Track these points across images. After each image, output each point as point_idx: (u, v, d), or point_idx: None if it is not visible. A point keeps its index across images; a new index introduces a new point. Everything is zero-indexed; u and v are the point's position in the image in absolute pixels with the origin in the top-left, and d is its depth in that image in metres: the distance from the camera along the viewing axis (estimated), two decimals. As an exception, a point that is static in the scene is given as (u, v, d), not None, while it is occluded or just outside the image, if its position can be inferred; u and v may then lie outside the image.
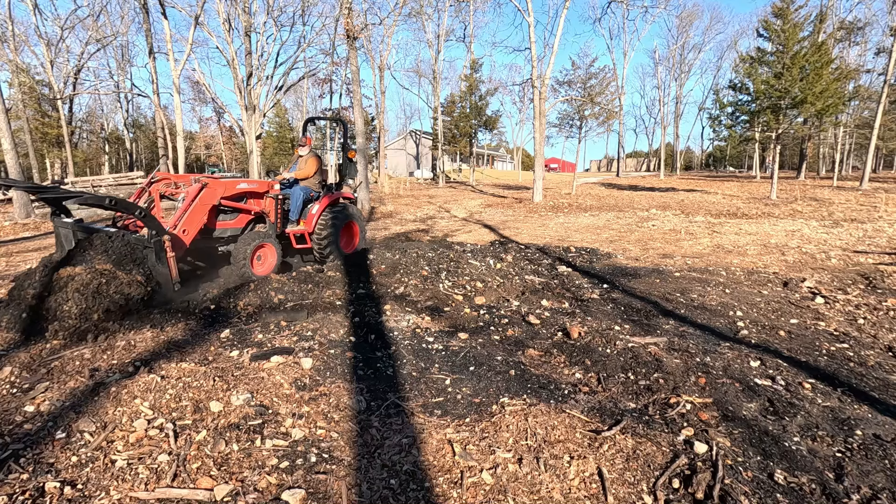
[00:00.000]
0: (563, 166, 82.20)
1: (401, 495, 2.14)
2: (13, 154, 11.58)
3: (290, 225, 6.72)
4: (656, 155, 58.73)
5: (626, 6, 24.94)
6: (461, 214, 16.25)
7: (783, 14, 18.55)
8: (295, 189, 6.76)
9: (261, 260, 6.03)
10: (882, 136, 31.68)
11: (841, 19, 31.78)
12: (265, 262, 6.08)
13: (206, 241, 5.85)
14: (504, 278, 6.21)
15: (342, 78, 34.68)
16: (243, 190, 6.05)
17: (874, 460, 2.42)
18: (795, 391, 3.18)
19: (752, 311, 5.01)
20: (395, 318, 4.56)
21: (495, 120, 39.38)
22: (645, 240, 10.00)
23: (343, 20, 16.82)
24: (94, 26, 29.38)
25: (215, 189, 5.53)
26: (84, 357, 3.38)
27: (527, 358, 3.78)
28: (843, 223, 11.54)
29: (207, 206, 5.43)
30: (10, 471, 2.12)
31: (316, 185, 7.11)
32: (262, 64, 24.72)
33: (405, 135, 57.79)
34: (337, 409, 2.81)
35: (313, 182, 7.09)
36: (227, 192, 5.74)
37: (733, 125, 20.50)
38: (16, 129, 21.62)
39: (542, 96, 19.32)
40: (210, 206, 5.48)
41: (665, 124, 50.80)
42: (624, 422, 2.69)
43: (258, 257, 6.01)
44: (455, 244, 8.51)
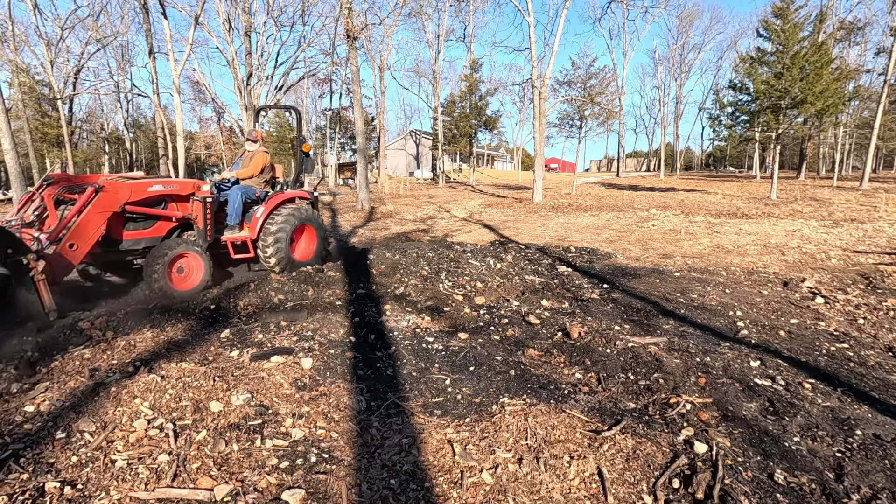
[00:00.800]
0: (563, 166, 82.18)
1: (401, 495, 2.14)
2: (13, 154, 11.59)
3: (228, 231, 5.88)
4: (656, 155, 58.72)
5: (626, 6, 24.95)
6: (461, 214, 16.25)
7: (783, 14, 18.54)
8: (233, 190, 5.97)
9: (183, 273, 5.29)
10: (882, 136, 31.67)
11: (841, 19, 31.77)
12: (189, 276, 5.33)
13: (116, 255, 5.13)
14: (504, 278, 6.21)
15: (342, 78, 34.67)
16: (157, 193, 5.22)
17: (874, 460, 2.42)
18: (795, 391, 3.18)
19: (752, 311, 5.01)
20: (395, 318, 4.56)
21: (495, 120, 39.37)
22: (645, 240, 10.00)
23: (343, 20, 16.83)
24: (94, 26, 29.37)
25: (116, 194, 4.72)
26: (84, 357, 3.38)
27: (527, 358, 3.78)
28: (843, 223, 11.54)
29: (105, 213, 4.61)
30: (10, 471, 2.12)
31: (261, 185, 6.39)
32: (262, 64, 24.74)
33: (405, 135, 57.79)
34: (337, 409, 2.81)
35: (257, 182, 6.37)
36: (135, 196, 4.93)
37: (733, 125, 20.50)
38: (16, 129, 21.63)
39: (542, 96, 19.32)
40: (109, 213, 4.67)
41: (665, 124, 50.81)
42: (624, 422, 2.69)
43: (179, 270, 5.25)
44: (455, 244, 8.52)
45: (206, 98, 41.59)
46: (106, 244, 4.92)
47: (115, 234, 4.98)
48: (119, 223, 5.00)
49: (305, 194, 6.82)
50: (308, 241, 6.77)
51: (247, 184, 6.23)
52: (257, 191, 6.28)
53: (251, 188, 6.21)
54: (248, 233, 5.96)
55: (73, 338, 3.73)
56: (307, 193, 6.89)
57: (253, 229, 5.96)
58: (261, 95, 24.84)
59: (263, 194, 6.33)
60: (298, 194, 6.66)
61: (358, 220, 14.73)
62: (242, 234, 5.94)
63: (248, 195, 6.10)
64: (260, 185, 6.39)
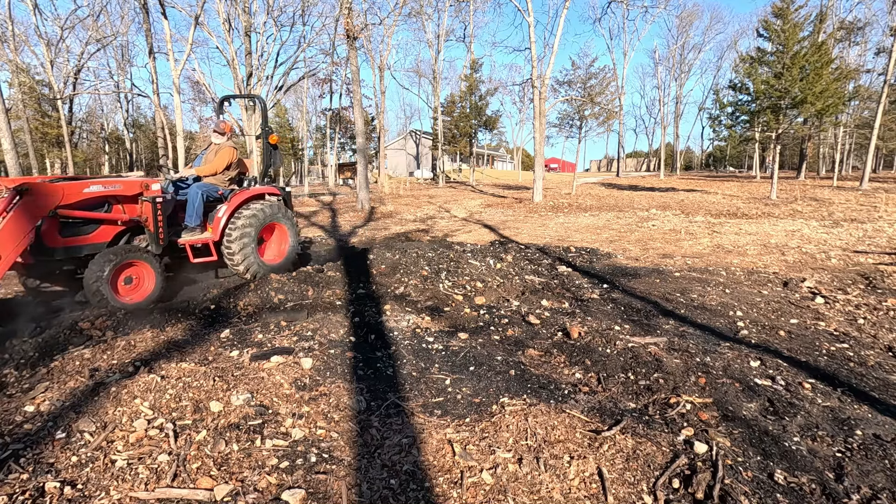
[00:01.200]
0: (563, 166, 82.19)
1: (401, 495, 2.14)
2: (13, 154, 11.59)
3: (187, 233, 5.38)
4: (656, 155, 58.72)
5: (626, 6, 24.95)
6: (461, 214, 16.25)
7: (783, 14, 18.54)
8: (192, 188, 5.45)
9: (131, 284, 4.76)
10: (882, 136, 31.66)
11: (841, 19, 31.78)
12: (139, 287, 4.82)
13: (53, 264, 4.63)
14: (504, 278, 6.21)
15: (342, 78, 34.67)
16: (96, 194, 4.63)
17: (874, 460, 2.42)
18: (795, 391, 3.18)
19: (752, 311, 5.01)
20: (395, 318, 4.56)
21: (495, 120, 39.39)
22: (645, 240, 10.00)
23: (343, 20, 16.83)
24: (94, 26, 29.38)
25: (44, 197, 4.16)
26: (84, 357, 3.38)
27: (527, 358, 3.78)
28: (843, 223, 11.54)
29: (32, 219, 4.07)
30: (10, 471, 2.12)
31: (224, 183, 5.86)
32: (262, 64, 24.75)
33: (405, 135, 57.80)
34: (337, 409, 2.81)
35: (221, 179, 5.83)
36: (68, 198, 4.35)
37: (733, 125, 20.50)
38: (16, 129, 21.64)
39: (542, 96, 19.32)
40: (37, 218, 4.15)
41: (665, 124, 50.82)
42: (624, 422, 2.69)
43: (126, 280, 4.72)
44: (455, 244, 8.52)
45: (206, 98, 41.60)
46: (39, 252, 4.40)
47: (49, 242, 4.45)
48: (54, 229, 4.49)
49: (275, 190, 6.30)
50: (280, 242, 6.29)
51: (209, 181, 5.72)
52: (221, 188, 5.77)
53: (214, 186, 5.70)
54: (211, 234, 5.49)
55: (73, 338, 3.73)
56: (276, 189, 6.36)
57: (215, 230, 5.48)
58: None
59: (228, 192, 5.81)
60: (267, 190, 6.17)
61: (358, 220, 14.73)
62: (203, 237, 5.45)
63: (210, 193, 5.60)
64: (224, 183, 5.88)
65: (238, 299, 4.84)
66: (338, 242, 10.05)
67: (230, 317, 4.45)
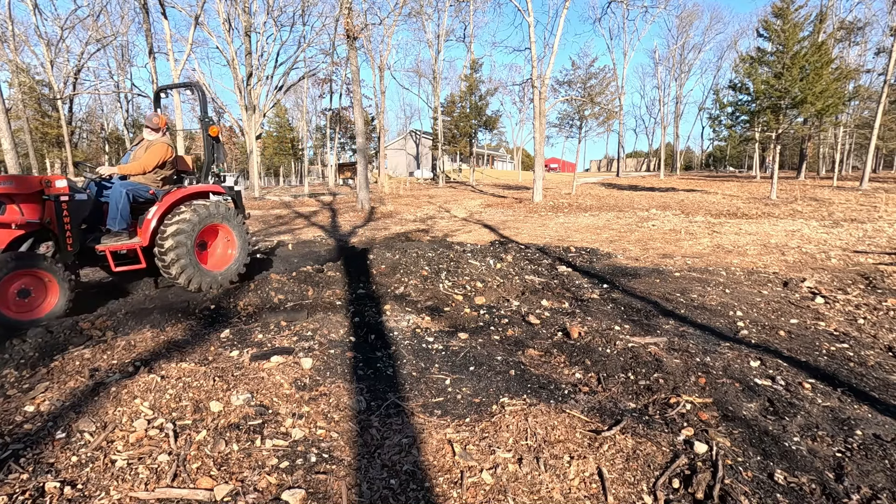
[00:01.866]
0: (563, 166, 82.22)
1: (401, 495, 2.14)
2: (13, 154, 11.59)
3: (109, 238, 4.83)
4: (656, 155, 58.74)
5: (626, 6, 24.95)
6: (461, 214, 16.25)
7: (783, 14, 18.55)
8: (115, 187, 4.90)
9: (29, 297, 4.12)
10: (882, 136, 31.68)
11: (841, 19, 31.79)
12: (37, 300, 4.17)
13: None
14: (504, 278, 6.21)
15: (342, 78, 34.69)
16: None
17: (874, 460, 2.42)
18: (795, 391, 3.18)
19: (752, 311, 5.01)
20: (395, 318, 4.56)
21: (495, 120, 39.41)
22: (645, 240, 10.00)
23: (343, 20, 16.83)
24: (94, 26, 29.38)
25: None
26: (84, 357, 3.38)
27: (527, 358, 3.78)
28: (843, 223, 11.54)
29: None
30: (10, 471, 2.12)
31: (156, 182, 5.32)
32: (262, 64, 24.75)
33: (405, 135, 57.82)
34: (337, 409, 2.81)
35: (151, 178, 5.27)
36: None
37: (733, 125, 20.51)
38: (16, 129, 21.64)
39: (542, 96, 19.32)
40: None
41: (665, 124, 50.85)
42: (624, 422, 2.69)
43: (21, 293, 4.08)
44: (455, 244, 8.52)
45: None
46: None
47: None
48: None
49: (218, 189, 5.75)
50: (225, 246, 5.69)
51: (138, 180, 5.17)
52: (151, 188, 5.21)
53: (142, 185, 5.15)
54: (139, 239, 4.94)
55: (73, 338, 3.73)
56: (220, 188, 5.80)
57: (144, 235, 4.92)
58: (260, 95, 24.86)
59: (161, 192, 5.27)
60: (208, 189, 5.62)
61: (358, 219, 14.73)
62: (129, 242, 4.88)
63: (138, 194, 5.06)
64: (156, 182, 5.32)
65: (238, 299, 4.84)
66: (338, 242, 10.05)
67: (230, 317, 4.45)
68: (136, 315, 4.27)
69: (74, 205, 4.54)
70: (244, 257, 5.78)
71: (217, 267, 5.54)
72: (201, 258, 5.40)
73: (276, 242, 9.69)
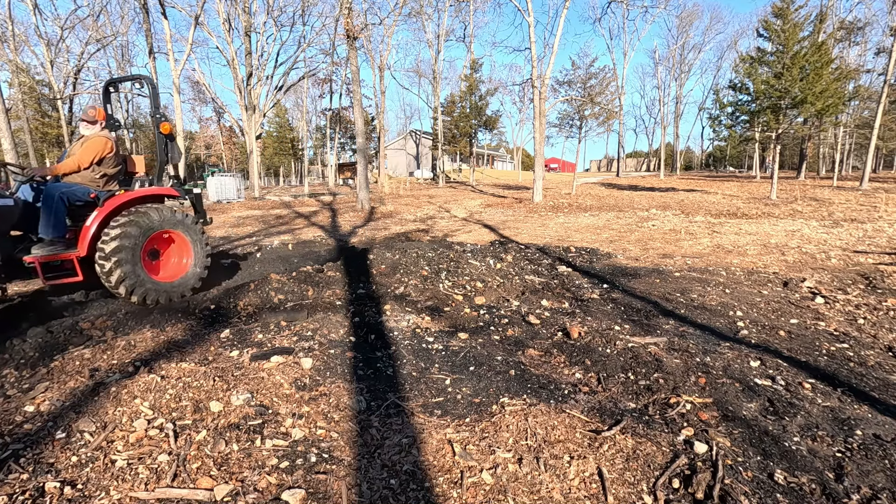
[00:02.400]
0: (563, 166, 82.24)
1: (401, 495, 2.14)
2: (13, 154, 11.59)
3: (40, 248, 4.25)
4: (656, 155, 58.74)
5: (626, 6, 24.95)
6: (461, 214, 16.25)
7: (783, 14, 18.55)
8: (47, 190, 4.33)
9: None
10: (882, 136, 31.69)
11: (841, 19, 31.79)
12: None
13: None
14: (504, 278, 6.21)
15: (342, 78, 34.70)
16: None
17: (874, 460, 2.42)
18: (795, 391, 3.18)
19: (752, 311, 5.01)
20: (395, 318, 4.56)
21: (495, 120, 39.42)
22: (645, 240, 10.00)
23: (343, 20, 16.83)
24: (94, 26, 29.39)
25: None
26: (84, 357, 3.38)
27: (527, 358, 3.78)
28: (843, 223, 11.54)
29: None
30: (10, 471, 2.12)
31: (96, 183, 4.78)
32: (262, 64, 24.76)
33: (405, 135, 57.82)
34: (337, 409, 2.81)
35: (90, 178, 4.72)
36: None
37: (733, 125, 20.50)
38: (16, 129, 21.64)
39: (542, 96, 19.32)
40: None
41: (665, 124, 50.86)
42: (624, 422, 2.69)
43: None
44: (455, 244, 8.52)
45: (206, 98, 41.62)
46: None
47: None
48: None
49: (171, 191, 5.29)
50: (180, 255, 5.25)
51: (72, 180, 4.63)
52: (92, 190, 4.65)
53: (81, 187, 4.58)
54: (77, 249, 4.43)
55: (73, 338, 3.73)
56: (174, 190, 5.34)
57: (83, 243, 4.43)
58: (260, 95, 24.86)
59: (104, 194, 4.71)
60: (159, 191, 5.17)
61: (358, 220, 14.73)
62: (64, 252, 4.35)
63: (75, 196, 4.50)
64: (96, 183, 4.77)
65: (238, 299, 4.84)
66: (338, 242, 10.05)
67: (230, 317, 4.45)
68: (136, 315, 4.28)
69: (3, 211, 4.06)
70: (201, 267, 5.34)
71: (169, 278, 5.08)
72: (152, 268, 4.99)
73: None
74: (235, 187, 23.62)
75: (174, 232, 5.13)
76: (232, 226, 13.30)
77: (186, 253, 5.27)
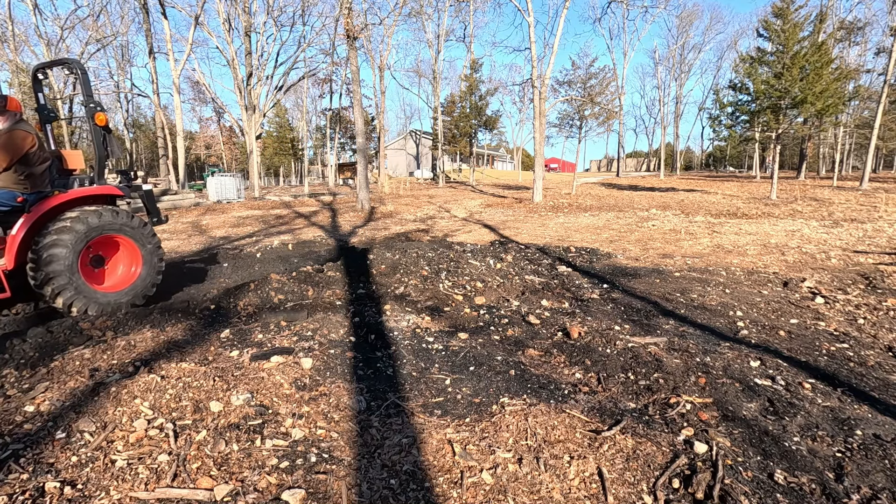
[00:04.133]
0: (563, 166, 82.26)
1: (401, 495, 2.14)
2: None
3: None
4: (656, 155, 58.76)
5: (626, 6, 24.94)
6: (461, 214, 16.25)
7: (783, 14, 18.55)
8: None
9: None
10: (882, 136, 31.70)
11: (841, 19, 31.80)
12: None
13: None
14: (504, 278, 6.21)
15: (342, 78, 34.72)
16: None
17: (874, 460, 2.42)
18: (795, 391, 3.18)
19: (752, 311, 5.01)
20: (395, 318, 4.56)
21: (495, 120, 39.42)
22: (645, 240, 10.00)
23: (343, 20, 16.82)
24: (94, 26, 29.39)
25: None
26: (84, 357, 3.38)
27: (527, 358, 3.78)
28: (843, 223, 11.54)
29: None
30: (10, 471, 2.12)
31: (21, 185, 4.26)
32: (262, 64, 24.76)
33: (405, 135, 57.83)
34: (337, 409, 2.81)
35: (13, 179, 4.20)
36: None
37: (733, 125, 20.50)
38: (16, 129, 21.56)
39: (542, 96, 19.32)
40: None
41: (665, 124, 50.86)
42: (624, 422, 2.69)
43: None
44: (455, 244, 8.52)
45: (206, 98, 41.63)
46: None
47: None
48: None
49: (114, 190, 4.78)
50: (128, 262, 4.79)
51: None
52: (18, 193, 4.20)
53: (4, 191, 4.15)
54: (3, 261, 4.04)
55: (73, 338, 3.73)
56: (117, 189, 4.82)
57: (9, 254, 3.99)
58: (260, 95, 24.87)
59: (33, 197, 4.24)
60: (99, 191, 4.67)
61: (358, 219, 14.73)
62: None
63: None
64: (23, 185, 4.26)
65: (238, 299, 4.84)
66: (338, 242, 10.05)
67: (230, 317, 4.45)
68: (136, 315, 4.27)
69: None
70: (153, 275, 4.90)
71: (116, 287, 4.65)
72: (95, 277, 4.59)
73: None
74: (235, 187, 23.63)
75: (119, 237, 4.65)
76: (232, 226, 13.30)
77: (135, 259, 4.80)
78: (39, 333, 3.77)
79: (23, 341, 3.59)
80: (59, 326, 3.91)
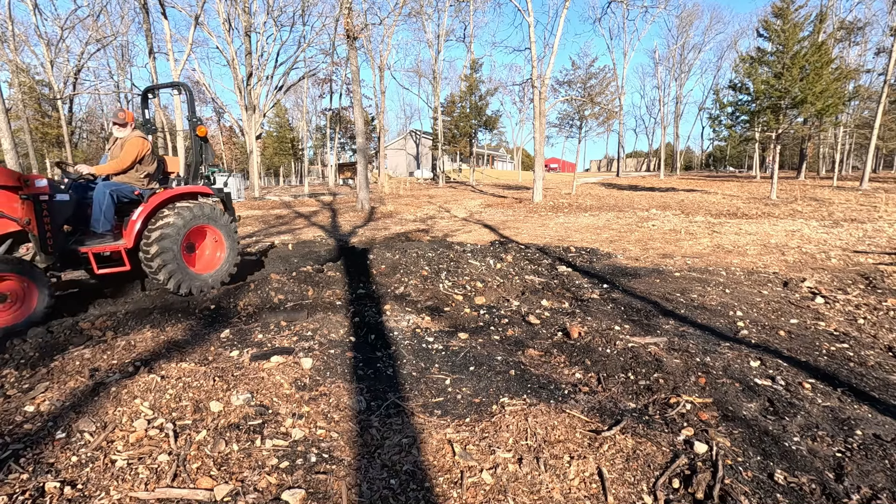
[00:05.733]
0: (563, 166, 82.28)
1: (401, 495, 2.14)
2: (13, 154, 11.59)
3: (93, 240, 4.72)
4: (656, 155, 58.77)
5: (626, 6, 24.95)
6: (461, 214, 16.25)
7: (783, 14, 18.56)
8: (99, 188, 4.80)
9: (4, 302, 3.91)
10: (882, 136, 31.71)
11: (841, 19, 31.80)
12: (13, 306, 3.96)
13: None
14: (504, 278, 6.21)
15: (342, 78, 34.73)
16: None
17: (874, 460, 2.42)
18: (795, 391, 3.18)
19: (752, 311, 5.01)
20: (395, 318, 4.56)
21: (495, 120, 39.42)
22: (645, 240, 10.00)
23: (343, 20, 16.82)
24: (94, 26, 29.39)
25: None
26: (84, 357, 3.38)
27: (527, 358, 3.78)
28: (843, 223, 11.54)
29: None
30: (10, 471, 2.12)
31: (141, 181, 5.20)
32: (262, 64, 24.77)
33: (405, 135, 57.83)
34: (337, 409, 2.81)
35: (134, 177, 5.17)
36: None
37: (733, 125, 20.51)
38: (16, 129, 21.65)
39: (542, 96, 19.32)
40: None
41: (665, 124, 50.86)
42: (624, 422, 2.69)
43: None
44: (455, 244, 8.51)
45: (206, 98, 41.60)
46: None
47: None
48: None
49: (206, 189, 5.67)
50: (213, 248, 5.64)
51: (121, 180, 5.05)
52: (136, 188, 5.08)
53: (126, 185, 5.02)
54: (124, 241, 4.82)
55: (73, 338, 3.73)
56: (208, 189, 5.71)
57: (129, 236, 4.81)
58: (260, 95, 24.87)
59: (147, 192, 5.12)
60: (196, 189, 5.55)
61: (358, 220, 14.73)
62: (114, 244, 4.75)
63: (122, 194, 4.96)
64: (140, 181, 5.19)
65: (238, 299, 4.84)
66: (338, 242, 10.05)
67: (230, 317, 4.45)
68: (136, 315, 4.27)
69: (55, 205, 4.42)
70: (234, 259, 5.76)
71: (206, 269, 5.49)
72: (189, 261, 5.33)
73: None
74: (235, 187, 23.63)
75: (210, 227, 5.52)
76: (232, 226, 13.27)
77: (220, 247, 5.67)
78: (39, 333, 3.77)
79: (23, 341, 3.59)
80: (59, 326, 3.91)
